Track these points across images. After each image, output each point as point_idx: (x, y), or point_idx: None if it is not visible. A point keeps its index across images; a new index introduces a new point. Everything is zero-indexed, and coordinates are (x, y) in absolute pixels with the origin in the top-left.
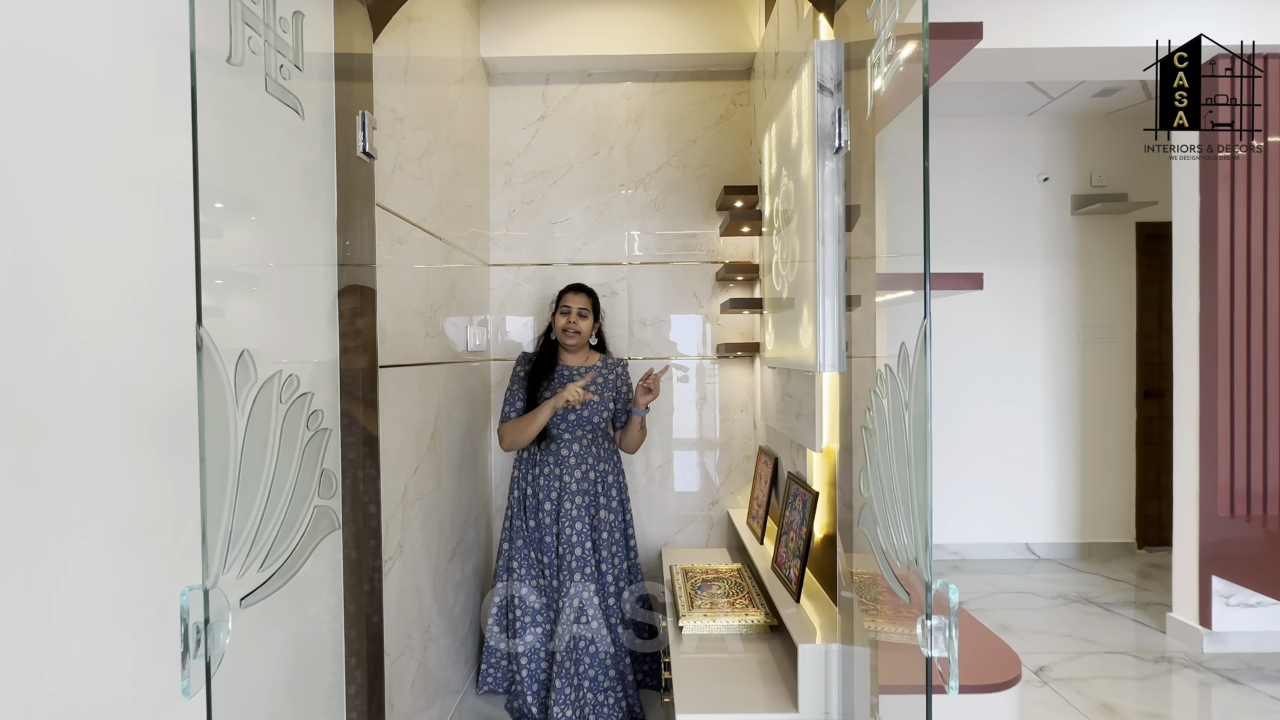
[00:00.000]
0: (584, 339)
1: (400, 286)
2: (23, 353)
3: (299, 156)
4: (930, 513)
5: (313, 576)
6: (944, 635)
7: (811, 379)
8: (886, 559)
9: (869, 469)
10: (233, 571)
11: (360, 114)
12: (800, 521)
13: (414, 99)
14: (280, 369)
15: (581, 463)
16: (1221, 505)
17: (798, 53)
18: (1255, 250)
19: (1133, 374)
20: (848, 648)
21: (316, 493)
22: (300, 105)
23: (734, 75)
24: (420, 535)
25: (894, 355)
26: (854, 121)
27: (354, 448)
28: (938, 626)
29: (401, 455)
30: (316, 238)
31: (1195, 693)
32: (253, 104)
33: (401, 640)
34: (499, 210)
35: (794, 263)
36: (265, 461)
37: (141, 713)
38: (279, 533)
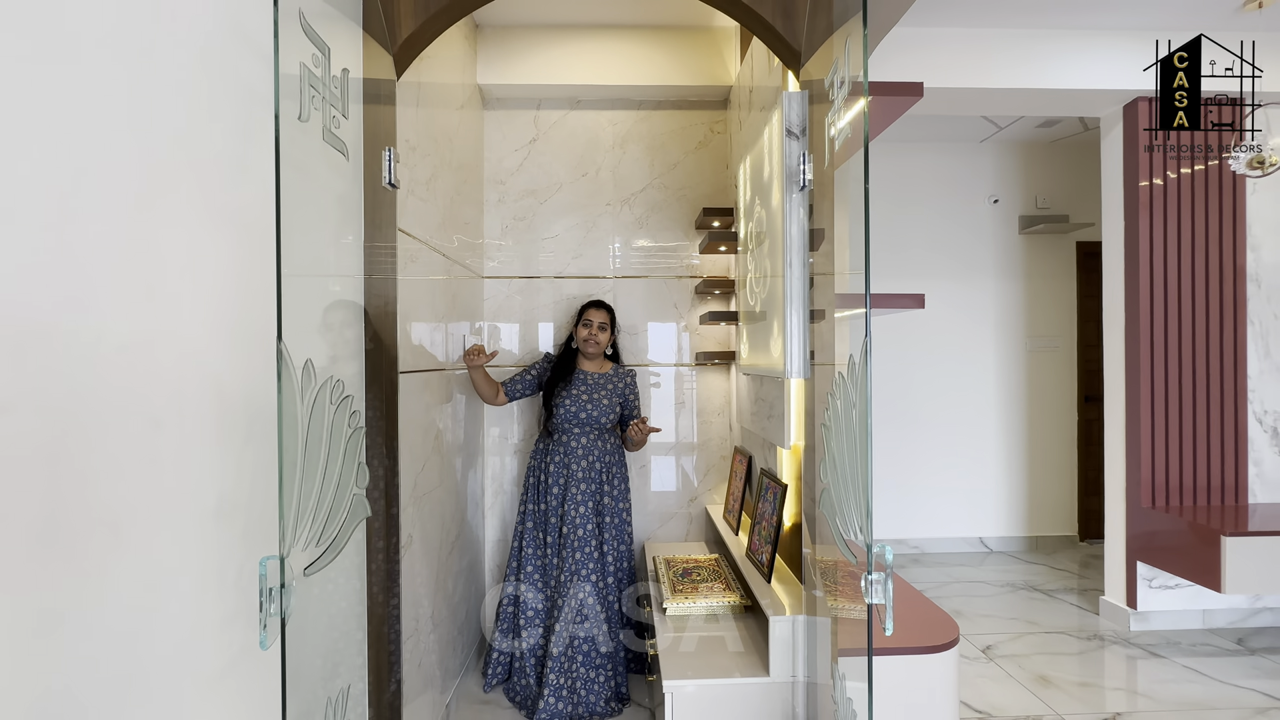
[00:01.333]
0: (601, 349)
1: (412, 300)
2: (154, 359)
3: (339, 189)
4: (870, 490)
5: (350, 556)
6: (881, 587)
7: (781, 384)
8: (840, 532)
9: (827, 460)
10: (299, 545)
11: (386, 150)
12: (771, 511)
13: (423, 128)
14: (331, 375)
15: (588, 454)
16: (1144, 498)
17: (769, 91)
18: (1170, 268)
19: (1074, 381)
20: (812, 618)
21: (355, 482)
22: (346, 148)
23: (712, 105)
24: (426, 528)
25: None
26: (815, 161)
27: (378, 445)
28: (876, 580)
29: (412, 454)
30: (349, 257)
31: (1123, 665)
32: (313, 151)
33: (410, 623)
34: (493, 226)
35: (766, 279)
36: (321, 453)
37: (224, 662)
38: (330, 514)
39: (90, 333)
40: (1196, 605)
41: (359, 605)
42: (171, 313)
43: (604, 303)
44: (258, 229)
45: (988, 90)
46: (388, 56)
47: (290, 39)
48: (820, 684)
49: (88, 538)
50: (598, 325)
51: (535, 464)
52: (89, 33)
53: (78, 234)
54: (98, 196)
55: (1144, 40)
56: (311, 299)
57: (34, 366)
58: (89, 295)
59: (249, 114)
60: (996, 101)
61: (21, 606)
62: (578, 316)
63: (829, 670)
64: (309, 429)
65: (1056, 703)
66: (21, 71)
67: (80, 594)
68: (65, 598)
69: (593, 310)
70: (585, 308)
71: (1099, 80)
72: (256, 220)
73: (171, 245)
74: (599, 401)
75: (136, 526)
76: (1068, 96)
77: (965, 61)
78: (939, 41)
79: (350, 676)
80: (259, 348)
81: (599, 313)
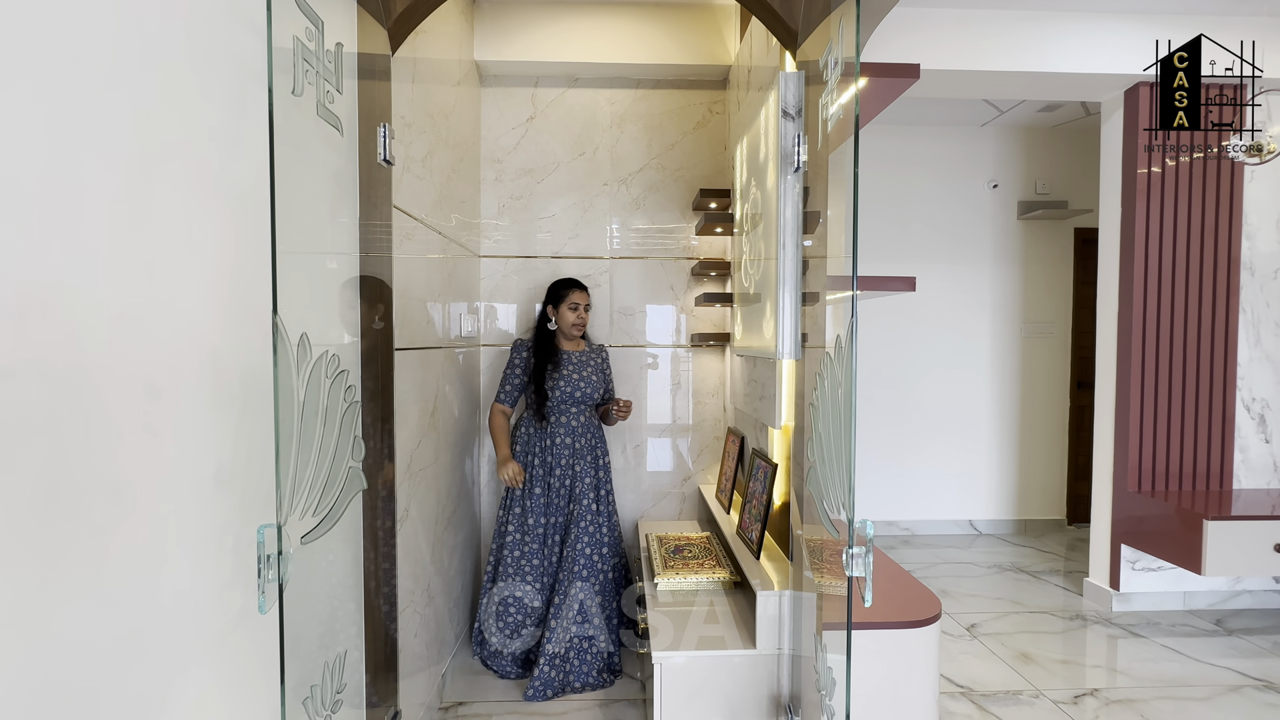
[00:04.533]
0: (585, 329)
1: (408, 277)
2: (152, 329)
3: (334, 165)
4: (853, 466)
5: (346, 527)
6: (861, 560)
7: (774, 365)
8: (824, 509)
9: (814, 438)
10: (295, 514)
11: (381, 126)
12: (762, 490)
13: (419, 105)
14: (326, 349)
15: (586, 430)
16: (1131, 482)
17: (767, 71)
18: (1166, 255)
19: (1068, 366)
20: (798, 593)
21: (350, 455)
22: (340, 124)
23: (710, 85)
24: (422, 503)
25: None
26: (810, 143)
27: (375, 420)
28: (857, 554)
29: (408, 430)
30: (345, 234)
31: (1104, 644)
32: (308, 126)
33: (406, 595)
34: (489, 205)
35: (760, 261)
36: (317, 426)
37: (225, 624)
38: (326, 486)
39: (89, 302)
40: (1178, 587)
41: (355, 575)
42: (169, 285)
43: (582, 282)
44: (253, 204)
45: (987, 73)
46: (382, 31)
47: (283, 12)
48: (804, 656)
49: (91, 501)
50: (584, 307)
51: (531, 445)
52: (83, 5)
53: (75, 205)
54: (95, 169)
55: (1146, 24)
56: (307, 274)
57: (35, 335)
58: (88, 265)
59: (243, 88)
60: (996, 84)
61: (27, 565)
62: (553, 298)
63: (813, 643)
64: (304, 402)
65: (1036, 679)
66: (18, 44)
67: (84, 556)
68: (69, 560)
69: (579, 293)
70: (567, 290)
71: (1100, 64)
72: (252, 195)
73: (168, 218)
74: (589, 378)
75: (137, 492)
76: (1068, 80)
77: (965, 43)
78: (938, 23)
79: (347, 643)
80: (255, 321)
81: (584, 294)
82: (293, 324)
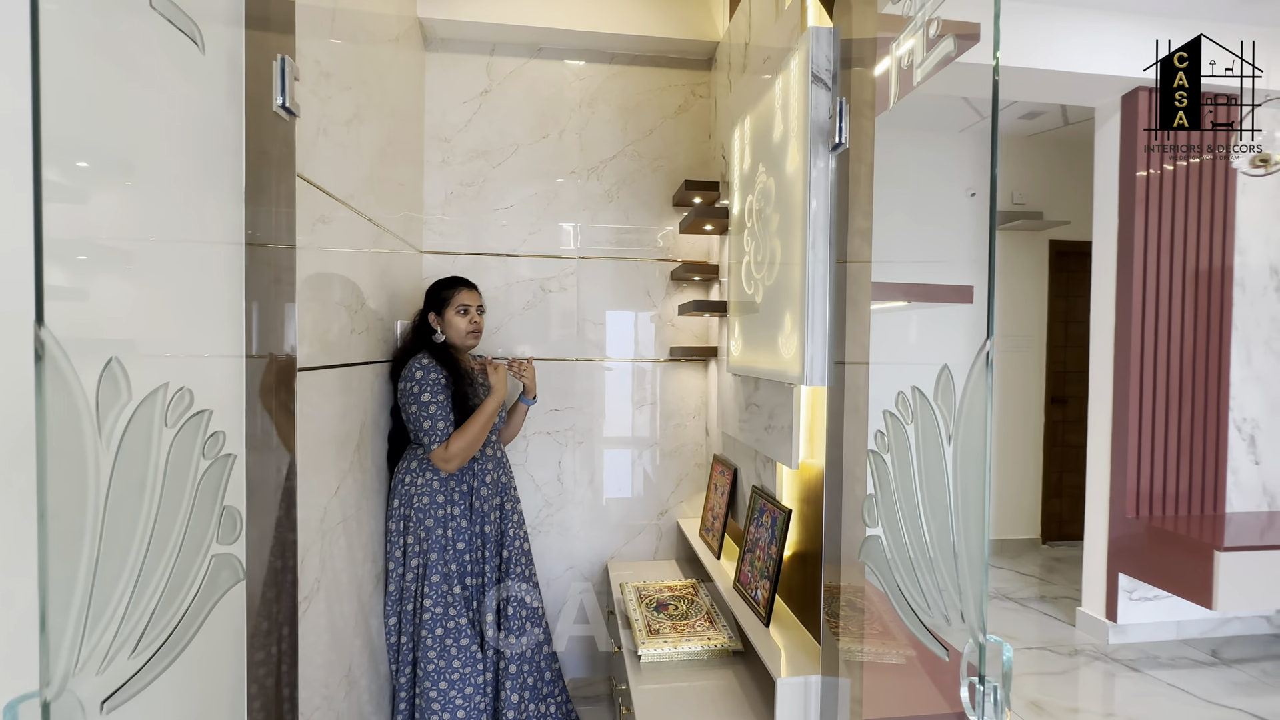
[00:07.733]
0: (480, 337)
1: (322, 274)
2: None
3: (197, 104)
4: (986, 564)
5: (209, 645)
6: (993, 700)
7: (789, 391)
8: (909, 605)
9: (880, 500)
10: (89, 667)
11: (280, 58)
12: (769, 540)
13: (343, 52)
14: (167, 382)
15: (505, 459)
16: (1129, 507)
17: (778, 46)
18: (1164, 268)
19: (1042, 381)
20: (830, 679)
21: (215, 538)
22: (199, 34)
23: (695, 65)
24: (340, 565)
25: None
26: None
27: (266, 473)
28: (988, 691)
29: (320, 475)
30: (220, 210)
31: (1109, 685)
32: (131, 23)
33: (319, 691)
34: (435, 191)
35: (772, 265)
36: (142, 509)
37: None
38: (160, 602)
39: None
40: (1172, 617)
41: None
42: None
43: (469, 280)
44: None
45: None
46: None
47: None
48: None
49: None
50: (477, 308)
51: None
52: None
53: None
54: None
55: (1147, 26)
56: (139, 261)
57: None
58: None
59: None
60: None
61: None
62: (435, 303)
63: None
64: (113, 472)
65: None
66: None
67: None
68: None
69: (468, 292)
70: (452, 289)
71: (1099, 66)
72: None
73: None
74: None
75: None
76: (1064, 80)
77: None
78: None
79: None
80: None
81: (475, 294)
82: (93, 341)
